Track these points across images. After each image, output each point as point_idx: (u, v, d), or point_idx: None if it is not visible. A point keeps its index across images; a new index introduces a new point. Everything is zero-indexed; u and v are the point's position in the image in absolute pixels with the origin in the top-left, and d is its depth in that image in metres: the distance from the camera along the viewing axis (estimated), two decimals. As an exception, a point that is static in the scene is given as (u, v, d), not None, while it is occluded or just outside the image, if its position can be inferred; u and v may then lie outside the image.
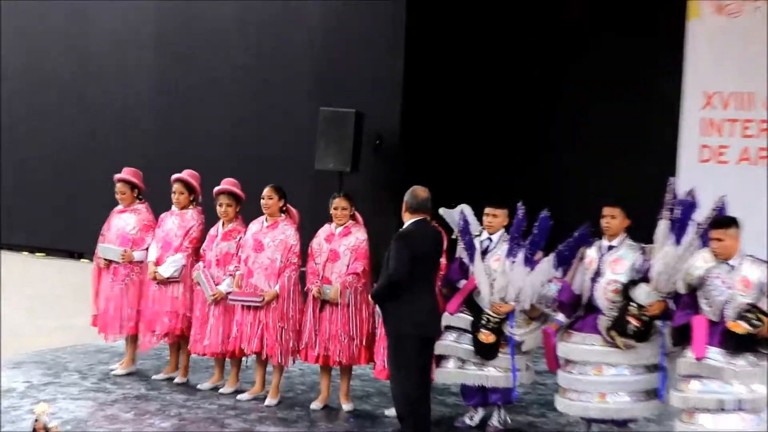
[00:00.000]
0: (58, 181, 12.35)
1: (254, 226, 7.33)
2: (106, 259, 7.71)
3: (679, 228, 6.07)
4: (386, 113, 9.81)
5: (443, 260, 6.84)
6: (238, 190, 7.48)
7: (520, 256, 6.59)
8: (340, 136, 9.47)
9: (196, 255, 7.56)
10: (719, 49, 8.44)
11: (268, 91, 10.64)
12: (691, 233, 6.03)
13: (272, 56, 10.61)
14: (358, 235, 7.11)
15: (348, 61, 10.10)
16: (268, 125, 10.63)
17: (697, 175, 8.20)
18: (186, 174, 7.69)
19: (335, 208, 7.16)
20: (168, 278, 7.51)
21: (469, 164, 9.72)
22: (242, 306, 7.16)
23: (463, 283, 6.79)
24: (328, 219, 7.39)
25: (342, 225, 7.12)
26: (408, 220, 6.20)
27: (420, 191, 6.23)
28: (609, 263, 6.32)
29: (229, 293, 7.26)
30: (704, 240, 5.92)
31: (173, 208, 7.70)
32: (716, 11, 8.37)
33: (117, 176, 7.86)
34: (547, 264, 6.56)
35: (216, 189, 7.48)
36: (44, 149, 12.44)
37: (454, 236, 6.95)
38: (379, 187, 9.67)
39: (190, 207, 7.67)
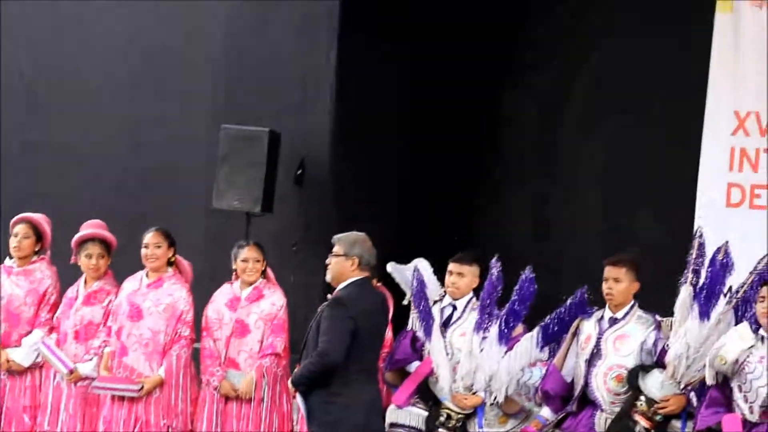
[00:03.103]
0: None
1: (130, 284, 7.32)
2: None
3: (706, 297, 6.16)
4: (311, 134, 9.82)
5: (389, 334, 6.85)
6: (109, 235, 7.44)
7: (494, 330, 6.63)
8: (248, 164, 9.43)
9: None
10: (758, 55, 8.57)
11: (153, 102, 10.57)
12: (722, 304, 6.10)
13: (158, 58, 10.56)
14: (274, 300, 7.14)
15: (262, 68, 10.09)
16: (150, 149, 10.53)
17: (723, 223, 8.28)
18: (33, 214, 7.60)
19: (244, 261, 7.17)
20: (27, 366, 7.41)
21: (428, 203, 9.76)
22: (112, 396, 7.09)
23: (415, 365, 6.81)
24: (229, 276, 7.35)
25: (251, 285, 7.09)
26: (345, 279, 6.19)
27: (368, 241, 6.28)
28: (612, 342, 6.38)
29: (93, 378, 7.18)
30: (740, 313, 5.99)
31: (7, 261, 7.59)
32: (756, 2, 8.48)
33: None
34: (528, 342, 6.62)
35: (79, 235, 7.42)
36: None
37: (405, 302, 6.96)
38: (301, 233, 9.66)
39: (35, 259, 7.56)
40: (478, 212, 9.69)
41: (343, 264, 6.18)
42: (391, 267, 7.13)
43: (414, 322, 6.92)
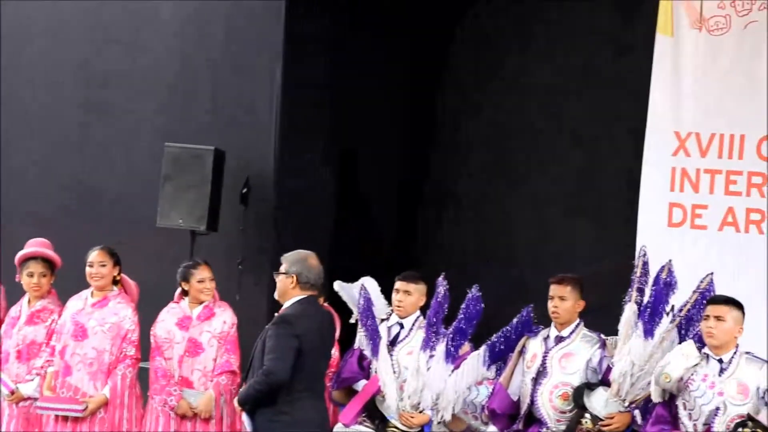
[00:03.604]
0: None
1: (74, 303, 7.26)
2: None
3: (650, 315, 6.21)
4: (257, 151, 9.79)
5: (335, 353, 6.83)
6: (52, 254, 7.37)
7: (440, 348, 6.63)
8: (192, 183, 9.39)
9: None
10: (698, 77, 8.65)
11: (98, 121, 10.48)
12: (665, 322, 6.15)
13: (103, 76, 10.48)
14: (225, 318, 7.14)
15: (206, 86, 10.05)
16: (94, 166, 10.45)
17: (665, 243, 8.33)
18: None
19: (200, 281, 7.13)
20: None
21: (372, 220, 9.77)
22: (56, 416, 7.03)
23: (362, 384, 6.80)
24: (171, 296, 7.31)
25: (200, 303, 7.07)
26: (290, 298, 6.19)
27: (313, 260, 6.28)
28: (557, 360, 6.41)
29: (35, 398, 7.11)
30: (684, 331, 6.04)
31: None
32: (694, 25, 8.55)
33: None
34: (475, 360, 6.63)
35: (21, 253, 7.36)
36: None
37: (352, 320, 6.96)
38: (246, 251, 9.62)
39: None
40: (422, 230, 9.71)
41: (285, 281, 6.19)
42: (338, 285, 7.13)
43: (361, 340, 6.91)
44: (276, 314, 6.30)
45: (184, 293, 7.25)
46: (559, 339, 6.46)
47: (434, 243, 9.49)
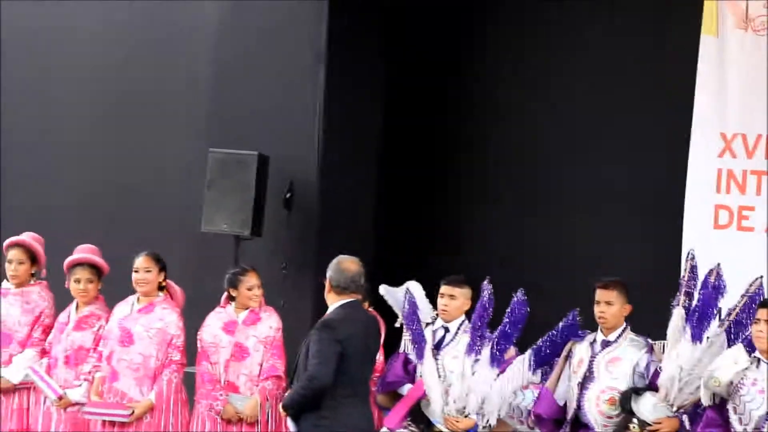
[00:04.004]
0: None
1: (121, 309, 7.28)
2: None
3: (698, 319, 6.16)
4: (300, 156, 9.80)
5: (380, 357, 6.83)
6: (100, 260, 7.41)
7: (486, 353, 6.63)
8: (236, 188, 9.41)
9: (46, 351, 7.54)
10: (743, 77, 8.58)
11: (141, 124, 10.52)
12: (714, 326, 6.10)
13: (147, 83, 10.52)
14: (271, 323, 7.14)
15: (250, 91, 10.06)
16: (138, 172, 10.49)
17: (711, 245, 8.27)
18: (26, 237, 7.56)
19: (248, 288, 7.15)
20: (17, 385, 7.36)
21: (417, 226, 9.76)
22: (103, 422, 7.05)
23: (407, 388, 6.79)
24: (217, 301, 7.33)
25: (246, 308, 7.09)
26: (333, 302, 6.19)
27: (349, 263, 6.24)
28: (604, 364, 6.38)
29: (83, 404, 7.13)
30: (732, 335, 5.99)
31: (5, 284, 7.58)
32: (740, 25, 8.50)
33: None
34: (521, 365, 6.63)
35: (69, 259, 7.39)
36: None
37: (397, 324, 6.95)
38: (290, 256, 9.63)
39: (32, 283, 7.55)
40: (466, 233, 9.69)
41: (327, 289, 6.18)
42: (383, 289, 7.14)
43: (406, 344, 6.91)
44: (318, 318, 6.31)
45: (231, 298, 7.26)
46: (606, 343, 6.43)
47: (479, 246, 9.44)
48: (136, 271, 7.21)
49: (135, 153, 10.50)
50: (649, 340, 6.45)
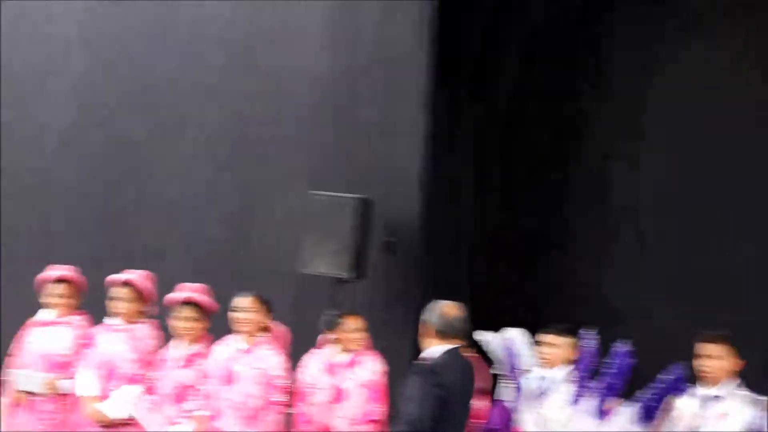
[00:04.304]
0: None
1: (223, 349, 7.35)
2: (22, 391, 7.63)
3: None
4: (402, 199, 9.84)
5: (480, 403, 6.79)
6: (207, 300, 7.49)
7: (589, 403, 6.56)
8: (337, 230, 9.46)
9: (150, 388, 7.60)
10: None
11: (243, 169, 10.66)
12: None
13: (249, 126, 10.67)
14: (371, 366, 7.14)
15: (352, 134, 10.15)
16: (240, 214, 10.62)
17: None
18: (135, 275, 7.67)
19: (350, 331, 7.21)
20: (114, 420, 7.45)
21: (519, 270, 9.72)
22: (205, 460, 7.17)
23: (506, 437, 6.76)
24: (313, 342, 7.36)
25: (347, 351, 7.11)
26: (431, 346, 6.18)
27: (449, 309, 6.25)
28: (712, 420, 6.25)
29: (186, 441, 7.23)
30: None
31: (110, 321, 7.68)
32: None
33: (58, 274, 7.79)
34: (625, 417, 6.54)
35: (175, 297, 7.47)
36: None
37: (495, 371, 6.90)
38: (390, 300, 9.65)
39: (140, 320, 7.64)
40: (568, 281, 9.63)
41: (421, 329, 6.20)
42: (481, 335, 7.10)
43: (504, 391, 6.86)
44: (417, 362, 6.30)
45: (332, 341, 7.29)
46: (713, 398, 6.33)
47: (581, 294, 9.36)
48: (237, 311, 7.28)
49: (238, 195, 10.64)
50: (760, 397, 6.31)
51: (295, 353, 7.61)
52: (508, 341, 6.97)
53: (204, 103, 10.81)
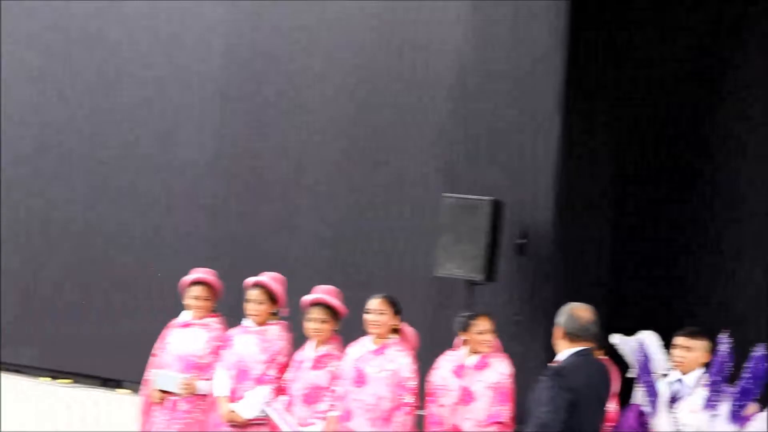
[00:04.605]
0: (83, 282, 12.31)
1: (355, 350, 7.39)
2: (160, 390, 7.78)
3: None
4: (535, 201, 9.79)
5: (614, 407, 6.69)
6: (337, 302, 7.54)
7: (725, 408, 6.44)
8: (470, 233, 9.46)
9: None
10: None
11: (376, 171, 10.71)
12: None
13: (381, 128, 10.73)
14: (501, 368, 7.10)
15: (484, 137, 10.13)
16: (373, 216, 10.67)
17: None
18: (267, 277, 7.75)
19: (480, 333, 7.16)
20: (247, 420, 7.54)
21: (651, 273, 9.57)
22: (336, 460, 7.21)
23: (640, 441, 6.66)
24: (449, 344, 7.35)
25: (477, 353, 7.09)
26: (563, 350, 6.13)
27: (581, 311, 6.18)
28: None
29: (318, 442, 7.28)
30: None
31: (245, 323, 7.79)
32: None
33: (195, 277, 7.94)
34: (762, 422, 6.35)
35: (306, 299, 7.55)
36: (58, 236, 12.40)
37: (630, 374, 6.80)
38: (522, 302, 9.60)
39: (271, 322, 7.73)
40: (703, 284, 9.45)
41: (554, 332, 6.15)
42: (615, 338, 7.02)
43: (639, 396, 6.77)
44: (548, 365, 6.25)
45: (464, 342, 7.28)
46: None
47: (715, 298, 9.17)
48: (369, 313, 7.31)
49: (370, 197, 10.70)
50: None
51: (432, 355, 7.62)
52: (641, 344, 6.86)
53: (341, 105, 10.91)
